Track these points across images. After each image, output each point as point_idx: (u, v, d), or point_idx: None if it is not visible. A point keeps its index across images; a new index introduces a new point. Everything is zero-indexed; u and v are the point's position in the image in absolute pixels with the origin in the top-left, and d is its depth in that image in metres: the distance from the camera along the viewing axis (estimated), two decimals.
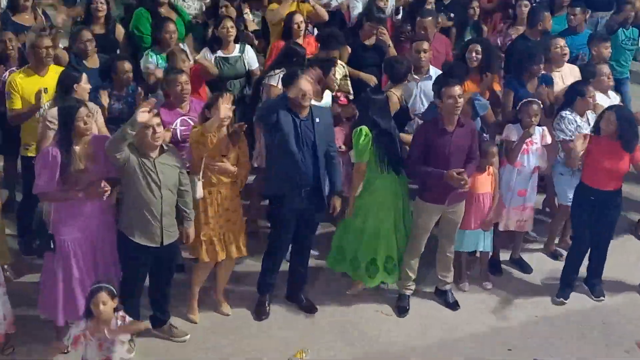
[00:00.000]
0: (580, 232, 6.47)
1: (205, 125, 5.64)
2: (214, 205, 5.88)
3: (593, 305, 6.57)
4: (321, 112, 6.01)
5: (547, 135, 6.65)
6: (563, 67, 7.41)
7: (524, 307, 6.53)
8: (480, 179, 6.40)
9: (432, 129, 6.00)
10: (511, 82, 7.08)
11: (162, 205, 5.46)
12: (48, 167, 5.33)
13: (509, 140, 6.58)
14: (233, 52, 7.38)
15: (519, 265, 7.02)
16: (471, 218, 6.44)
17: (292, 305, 6.37)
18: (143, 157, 5.40)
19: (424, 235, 6.24)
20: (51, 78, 6.37)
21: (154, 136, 5.38)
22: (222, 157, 5.83)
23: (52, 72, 6.46)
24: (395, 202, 6.21)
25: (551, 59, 7.33)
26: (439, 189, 6.02)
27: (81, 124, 5.36)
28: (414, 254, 6.31)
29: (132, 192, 5.43)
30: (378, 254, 6.24)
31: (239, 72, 7.34)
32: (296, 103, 5.78)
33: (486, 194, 6.45)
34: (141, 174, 5.38)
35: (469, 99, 6.44)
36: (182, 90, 6.12)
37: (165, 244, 5.55)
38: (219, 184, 5.87)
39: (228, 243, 5.97)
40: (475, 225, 6.47)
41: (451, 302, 6.48)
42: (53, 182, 5.33)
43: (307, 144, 5.83)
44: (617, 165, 6.20)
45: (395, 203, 6.21)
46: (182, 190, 5.64)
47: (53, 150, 5.34)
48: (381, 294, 6.54)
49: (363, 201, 6.19)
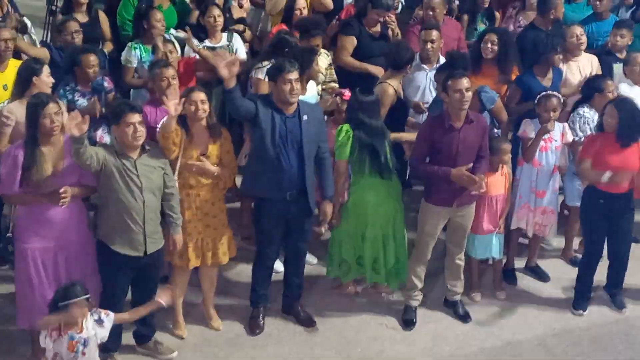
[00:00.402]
0: (591, 238, 6.23)
1: (161, 126, 5.36)
2: (191, 209, 5.57)
3: (615, 316, 6.32)
4: (310, 108, 5.70)
5: (567, 132, 6.38)
6: (581, 57, 7.13)
7: (541, 318, 6.27)
8: (493, 180, 6.09)
9: (438, 125, 5.70)
10: (523, 76, 6.79)
11: (144, 211, 5.17)
12: (8, 168, 5.06)
13: (526, 137, 6.29)
14: (220, 42, 7.05)
15: (535, 273, 6.76)
16: (482, 222, 6.16)
17: (288, 319, 6.11)
18: (123, 158, 5.12)
19: (431, 241, 5.97)
20: (11, 73, 6.03)
21: (135, 135, 5.09)
22: (202, 156, 5.49)
23: (12, 67, 6.13)
24: (382, 207, 5.95)
25: (567, 48, 7.04)
26: (446, 190, 5.75)
27: (47, 122, 5.04)
28: (420, 261, 6.04)
29: (111, 197, 5.14)
30: (364, 255, 6.04)
31: None
32: (283, 98, 5.46)
33: (499, 195, 6.16)
34: (120, 177, 5.10)
35: (475, 91, 6.14)
36: (169, 86, 5.77)
37: (149, 253, 5.25)
38: (197, 186, 5.55)
39: (205, 250, 5.67)
40: (488, 230, 6.19)
41: (462, 313, 6.21)
42: (14, 184, 5.05)
43: (292, 143, 5.51)
44: (625, 165, 5.89)
45: (383, 209, 5.95)
46: (168, 193, 5.35)
47: (15, 150, 5.07)
48: (385, 305, 6.32)
49: (350, 204, 5.97)
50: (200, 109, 5.42)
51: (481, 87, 6.34)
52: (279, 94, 5.47)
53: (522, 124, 6.36)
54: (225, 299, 6.20)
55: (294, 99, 5.48)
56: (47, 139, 5.06)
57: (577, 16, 8.00)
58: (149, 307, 5.09)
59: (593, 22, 7.76)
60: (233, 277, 6.36)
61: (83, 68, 6.16)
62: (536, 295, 6.51)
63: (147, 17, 6.84)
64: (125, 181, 5.08)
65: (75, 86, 6.20)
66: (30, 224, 5.13)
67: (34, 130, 5.04)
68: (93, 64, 6.17)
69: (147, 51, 6.81)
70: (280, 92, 5.45)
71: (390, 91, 6.33)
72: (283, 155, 5.48)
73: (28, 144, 5.04)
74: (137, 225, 5.14)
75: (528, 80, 6.68)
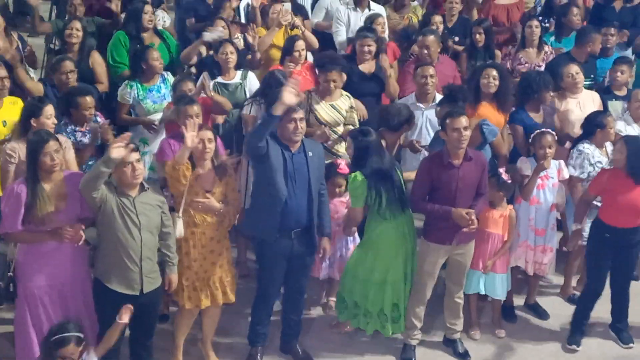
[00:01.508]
0: (595, 274, 6.15)
1: (175, 157, 5.35)
2: (197, 247, 5.51)
3: (620, 353, 6.24)
4: (312, 144, 5.69)
5: (564, 169, 6.35)
6: (580, 94, 7.06)
7: (541, 356, 6.18)
8: (493, 216, 6.04)
9: (438, 162, 5.67)
10: (516, 114, 6.76)
11: (142, 249, 5.12)
12: (11, 206, 5.01)
13: (523, 175, 6.26)
14: (234, 79, 6.99)
15: (534, 311, 6.67)
16: (480, 258, 6.09)
17: (286, 358, 6.01)
18: (122, 197, 5.09)
19: (430, 280, 5.90)
20: (7, 110, 6.06)
21: (134, 174, 5.06)
22: (207, 192, 5.46)
23: (7, 104, 6.15)
24: (402, 247, 5.82)
25: (564, 87, 7.02)
26: (445, 228, 5.70)
27: (47, 160, 5.03)
28: (419, 300, 5.96)
29: (109, 235, 5.10)
30: (385, 303, 5.87)
31: (238, 100, 6.87)
32: (287, 136, 5.44)
33: (496, 234, 6.09)
34: (119, 215, 5.05)
35: (476, 125, 6.12)
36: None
37: (145, 292, 5.20)
38: (203, 224, 5.51)
39: (213, 289, 5.59)
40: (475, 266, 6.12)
41: (461, 352, 6.13)
42: (17, 222, 5.01)
43: (299, 180, 5.47)
44: (635, 201, 5.85)
45: (403, 248, 5.82)
46: (164, 232, 5.31)
47: (18, 188, 5.03)
48: (385, 344, 6.18)
49: (367, 250, 5.83)
50: (208, 148, 5.42)
51: (482, 121, 6.31)
52: (284, 131, 5.45)
53: (518, 162, 6.34)
54: (223, 337, 6.09)
55: (298, 138, 5.46)
56: (47, 176, 5.03)
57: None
58: (115, 329, 4.96)
59: (598, 59, 7.75)
60: (231, 315, 6.23)
61: (80, 110, 6.14)
62: (536, 333, 6.42)
63: (144, 57, 6.84)
64: (124, 219, 5.04)
65: (75, 128, 6.17)
66: (32, 262, 5.08)
67: (34, 167, 5.01)
68: (90, 106, 6.15)
69: (145, 89, 6.81)
70: (285, 130, 5.44)
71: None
72: (291, 192, 5.44)
73: (29, 181, 5.01)
74: (134, 263, 5.09)
75: (522, 117, 6.65)
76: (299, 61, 7.09)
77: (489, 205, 6.01)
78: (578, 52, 7.70)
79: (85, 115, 6.15)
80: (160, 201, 5.25)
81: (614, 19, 8.53)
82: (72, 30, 7.23)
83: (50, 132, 5.32)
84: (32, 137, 5.16)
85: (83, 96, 6.18)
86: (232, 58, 6.90)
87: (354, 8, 8.34)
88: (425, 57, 7.29)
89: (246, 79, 7.00)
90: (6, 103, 6.18)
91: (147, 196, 5.16)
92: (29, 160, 5.07)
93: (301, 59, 7.13)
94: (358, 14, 8.29)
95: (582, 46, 7.69)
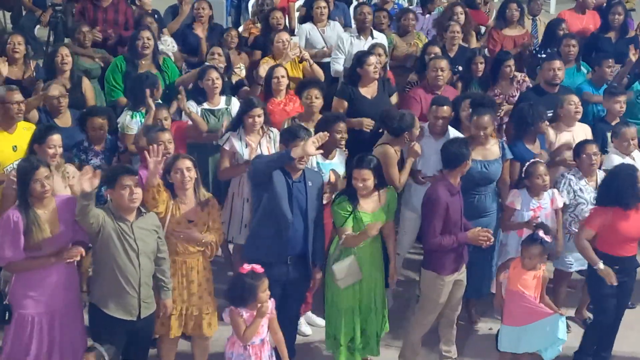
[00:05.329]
0: (604, 305, 6.06)
1: (145, 184, 5.32)
2: (177, 276, 5.49)
3: None
4: (313, 175, 5.73)
5: (557, 199, 6.31)
6: (574, 127, 6.95)
7: None
8: (528, 278, 5.73)
9: (446, 193, 5.68)
10: (514, 147, 6.66)
11: (140, 274, 5.14)
12: (9, 233, 5.00)
13: (512, 209, 6.24)
14: (219, 105, 7.02)
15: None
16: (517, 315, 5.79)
17: None
18: (119, 221, 5.10)
19: (438, 309, 5.91)
20: (19, 135, 6.08)
21: (131, 198, 5.07)
22: (189, 222, 5.46)
23: (20, 129, 6.18)
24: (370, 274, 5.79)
25: (561, 117, 6.92)
26: (455, 257, 5.78)
27: (37, 187, 5.02)
28: (421, 330, 5.98)
29: (106, 260, 5.11)
30: (355, 332, 5.82)
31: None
32: (291, 165, 5.46)
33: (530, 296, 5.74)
34: (118, 240, 5.07)
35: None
36: (165, 150, 5.72)
37: (142, 317, 5.22)
38: (184, 253, 5.50)
39: (188, 319, 5.55)
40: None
41: None
42: (19, 249, 5.00)
43: (298, 208, 5.53)
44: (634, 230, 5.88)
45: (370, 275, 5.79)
46: (160, 258, 5.33)
47: (14, 215, 5.01)
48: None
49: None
50: (187, 177, 5.37)
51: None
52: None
53: (510, 195, 6.29)
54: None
55: (301, 167, 5.50)
56: (39, 202, 5.04)
57: (568, 81, 7.83)
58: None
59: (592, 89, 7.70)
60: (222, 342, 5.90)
61: (89, 131, 6.32)
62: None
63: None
64: (123, 244, 5.05)
65: (89, 146, 6.30)
66: (27, 288, 5.08)
67: (24, 193, 5.01)
68: (102, 125, 6.32)
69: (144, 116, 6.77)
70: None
71: (391, 152, 6.24)
72: (292, 220, 5.47)
73: (22, 207, 5.00)
74: (132, 289, 5.11)
75: (521, 152, 6.57)
76: (278, 89, 7.07)
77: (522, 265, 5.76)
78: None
79: (100, 135, 6.32)
80: (157, 226, 5.25)
81: (610, 50, 8.54)
82: (61, 56, 7.13)
83: (41, 159, 5.29)
84: (22, 164, 5.17)
85: (92, 117, 6.33)
86: (217, 84, 6.92)
87: (357, 36, 8.42)
88: (436, 80, 7.19)
89: (230, 104, 7.02)
90: (19, 128, 6.20)
91: (145, 221, 5.17)
92: (19, 187, 5.05)
93: (280, 86, 7.07)
94: (361, 41, 8.34)
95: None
